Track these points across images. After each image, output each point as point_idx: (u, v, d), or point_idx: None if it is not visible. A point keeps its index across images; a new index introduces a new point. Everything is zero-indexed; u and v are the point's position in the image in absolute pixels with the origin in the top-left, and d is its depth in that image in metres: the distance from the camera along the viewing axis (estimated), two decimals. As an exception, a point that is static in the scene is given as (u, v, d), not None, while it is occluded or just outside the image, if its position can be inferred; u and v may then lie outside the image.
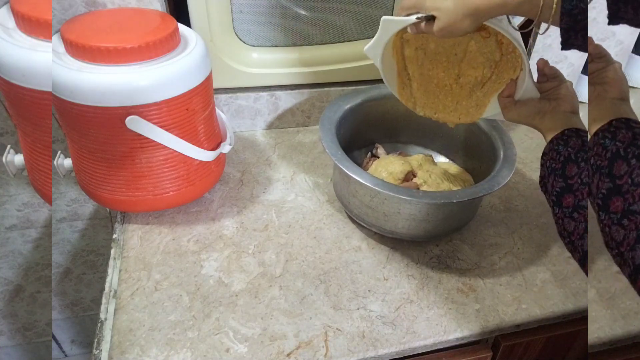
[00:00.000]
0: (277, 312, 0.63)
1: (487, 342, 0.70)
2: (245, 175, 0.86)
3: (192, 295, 0.65)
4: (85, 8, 0.74)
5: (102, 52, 0.59)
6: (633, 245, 0.42)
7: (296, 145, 0.94)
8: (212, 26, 0.82)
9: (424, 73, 0.71)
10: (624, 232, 0.43)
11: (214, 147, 0.75)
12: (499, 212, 0.82)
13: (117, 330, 0.60)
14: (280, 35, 0.89)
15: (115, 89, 0.59)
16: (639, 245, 0.42)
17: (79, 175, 0.72)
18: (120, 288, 0.65)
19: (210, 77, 0.71)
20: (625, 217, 0.43)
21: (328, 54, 0.92)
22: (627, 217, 0.43)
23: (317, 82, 0.94)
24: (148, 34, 0.61)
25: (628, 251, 0.43)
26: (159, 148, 0.66)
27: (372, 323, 0.63)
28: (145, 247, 0.71)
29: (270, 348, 0.59)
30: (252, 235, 0.74)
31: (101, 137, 0.63)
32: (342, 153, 0.69)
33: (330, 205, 0.80)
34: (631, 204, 0.43)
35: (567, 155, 0.50)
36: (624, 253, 0.43)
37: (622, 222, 0.43)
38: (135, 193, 0.69)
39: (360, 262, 0.71)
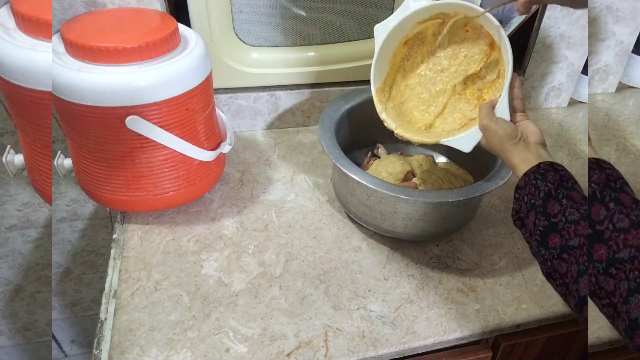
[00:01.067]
0: (277, 312, 0.63)
1: (487, 342, 0.70)
2: (245, 175, 0.86)
3: (192, 295, 0.65)
4: (85, 8, 0.74)
5: (102, 52, 0.59)
6: (576, 278, 0.44)
7: (296, 145, 0.94)
8: (212, 26, 0.82)
9: (405, 92, 0.71)
10: (565, 265, 0.46)
11: (214, 147, 0.75)
12: (499, 212, 0.82)
13: (117, 330, 0.60)
14: (280, 35, 0.89)
15: (115, 89, 0.59)
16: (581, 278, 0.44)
17: (79, 175, 0.72)
18: (120, 288, 0.65)
19: (210, 77, 0.71)
20: (565, 252, 0.46)
21: (328, 54, 0.92)
22: (566, 252, 0.46)
23: (317, 82, 0.94)
24: (148, 34, 0.61)
25: (572, 283, 0.45)
26: (159, 148, 0.66)
27: (372, 323, 0.63)
28: (145, 247, 0.71)
29: (270, 348, 0.59)
30: (252, 235, 0.74)
31: (101, 137, 0.63)
32: (340, 152, 0.69)
33: (330, 205, 0.80)
34: (568, 240, 0.46)
35: (547, 191, 0.49)
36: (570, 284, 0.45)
37: (562, 257, 0.46)
38: (135, 193, 0.69)
39: (360, 262, 0.71)
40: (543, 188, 0.49)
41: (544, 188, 0.49)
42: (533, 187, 0.50)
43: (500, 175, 0.67)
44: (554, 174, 0.50)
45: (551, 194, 0.49)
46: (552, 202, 0.48)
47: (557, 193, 0.48)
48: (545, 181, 0.49)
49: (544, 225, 0.48)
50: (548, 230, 0.48)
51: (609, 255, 0.44)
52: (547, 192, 0.49)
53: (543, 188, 0.49)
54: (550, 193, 0.49)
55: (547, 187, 0.49)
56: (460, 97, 0.69)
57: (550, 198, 0.49)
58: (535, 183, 0.50)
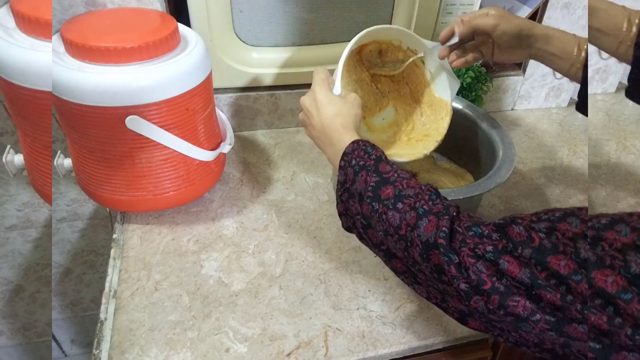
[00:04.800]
0: (277, 312, 0.63)
1: (487, 342, 0.70)
2: (245, 175, 0.86)
3: (192, 295, 0.65)
4: (85, 8, 0.74)
5: (102, 52, 0.59)
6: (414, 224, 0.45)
7: (296, 145, 0.94)
8: (212, 26, 0.82)
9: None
10: (399, 215, 0.47)
11: (214, 147, 0.75)
12: (499, 212, 0.82)
13: (117, 330, 0.60)
14: (280, 35, 0.89)
15: (115, 89, 0.59)
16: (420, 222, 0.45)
17: (79, 175, 0.72)
18: (120, 288, 0.65)
19: (210, 77, 0.71)
20: (399, 201, 0.47)
21: (328, 54, 0.92)
22: (400, 201, 0.47)
23: (317, 82, 0.94)
24: (148, 34, 0.61)
25: (410, 231, 0.46)
26: (159, 148, 0.66)
27: (372, 323, 0.63)
28: (145, 247, 0.71)
29: (270, 348, 0.59)
30: (252, 235, 0.74)
31: (101, 137, 0.63)
32: None
33: (330, 205, 0.80)
34: (401, 190, 0.48)
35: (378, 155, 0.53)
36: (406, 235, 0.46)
37: (397, 206, 0.47)
38: (135, 193, 0.69)
39: (360, 262, 0.71)
40: (374, 153, 0.53)
41: (375, 153, 0.52)
42: (363, 151, 0.53)
43: (500, 175, 0.67)
44: (379, 149, 0.54)
45: (381, 158, 0.52)
46: (383, 164, 0.51)
47: (387, 160, 0.52)
48: (374, 149, 0.53)
49: (375, 181, 0.50)
50: (380, 184, 0.50)
51: (395, 192, 0.48)
52: (378, 156, 0.52)
53: (374, 153, 0.53)
54: (380, 158, 0.52)
55: (377, 153, 0.53)
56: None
57: (381, 162, 0.52)
58: (365, 149, 0.53)
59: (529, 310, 0.38)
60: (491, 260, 0.40)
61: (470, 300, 0.41)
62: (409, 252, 0.46)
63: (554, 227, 0.38)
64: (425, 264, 0.45)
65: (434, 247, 0.43)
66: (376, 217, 0.49)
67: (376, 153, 0.52)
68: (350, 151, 0.53)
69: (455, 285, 0.42)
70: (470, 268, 0.41)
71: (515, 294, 0.38)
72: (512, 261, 0.39)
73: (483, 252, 0.40)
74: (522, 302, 0.38)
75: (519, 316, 0.38)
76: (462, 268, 0.41)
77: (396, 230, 0.47)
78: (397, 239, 0.47)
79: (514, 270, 0.38)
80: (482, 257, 0.40)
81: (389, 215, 0.47)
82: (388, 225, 0.48)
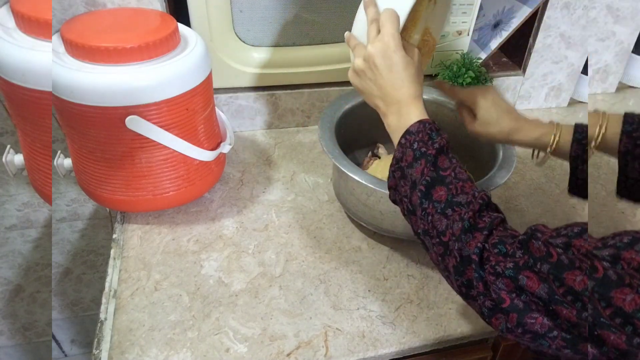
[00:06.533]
0: (277, 312, 0.63)
1: (487, 342, 0.70)
2: (245, 175, 0.86)
3: (192, 295, 0.65)
4: (85, 8, 0.74)
5: (102, 52, 0.59)
6: (458, 235, 0.44)
7: (296, 145, 0.94)
8: (212, 26, 0.82)
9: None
10: (446, 221, 0.45)
11: (214, 147, 0.75)
12: (499, 212, 0.82)
13: (117, 330, 0.60)
14: (280, 35, 0.89)
15: (115, 89, 0.59)
16: (465, 236, 0.44)
17: (79, 175, 0.72)
18: (120, 288, 0.65)
19: (210, 77, 0.71)
20: (450, 208, 0.46)
21: (328, 54, 0.92)
22: (451, 208, 0.46)
23: (317, 82, 0.94)
24: (148, 34, 0.61)
25: (454, 241, 0.44)
26: (158, 148, 0.66)
27: (372, 323, 0.63)
28: (145, 247, 0.71)
29: (270, 348, 0.59)
30: (252, 235, 0.74)
31: (101, 137, 0.63)
32: (339, 151, 0.69)
33: (330, 205, 0.80)
34: (454, 195, 0.46)
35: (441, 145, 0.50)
36: (449, 244, 0.45)
37: (446, 212, 0.46)
38: (135, 193, 0.69)
39: (360, 262, 0.71)
40: (438, 141, 0.49)
41: (439, 141, 0.49)
42: (427, 136, 0.50)
43: (500, 175, 0.67)
44: (444, 135, 0.51)
45: (443, 149, 0.49)
46: (443, 158, 0.49)
47: (448, 151, 0.50)
48: (439, 136, 0.50)
49: (431, 177, 0.48)
50: (435, 182, 0.47)
51: (448, 197, 0.46)
52: (441, 146, 0.49)
53: (438, 141, 0.49)
54: (442, 148, 0.49)
55: (441, 141, 0.49)
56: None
57: (442, 154, 0.49)
58: (430, 134, 0.50)
59: (546, 327, 0.38)
60: (511, 277, 0.40)
61: (491, 319, 0.42)
62: (444, 259, 0.46)
63: (570, 242, 0.38)
64: (457, 277, 0.44)
65: (471, 263, 0.43)
66: (422, 214, 0.48)
67: (440, 141, 0.49)
68: (414, 131, 0.50)
69: (480, 302, 0.42)
70: (491, 286, 0.41)
71: (534, 310, 0.39)
72: (531, 276, 0.39)
73: (503, 269, 0.40)
74: (539, 319, 0.38)
75: (536, 333, 0.39)
76: (486, 285, 0.41)
77: (439, 235, 0.46)
78: (438, 242, 0.46)
79: (533, 286, 0.38)
80: (502, 275, 0.40)
81: (436, 218, 0.46)
82: (432, 227, 0.47)
